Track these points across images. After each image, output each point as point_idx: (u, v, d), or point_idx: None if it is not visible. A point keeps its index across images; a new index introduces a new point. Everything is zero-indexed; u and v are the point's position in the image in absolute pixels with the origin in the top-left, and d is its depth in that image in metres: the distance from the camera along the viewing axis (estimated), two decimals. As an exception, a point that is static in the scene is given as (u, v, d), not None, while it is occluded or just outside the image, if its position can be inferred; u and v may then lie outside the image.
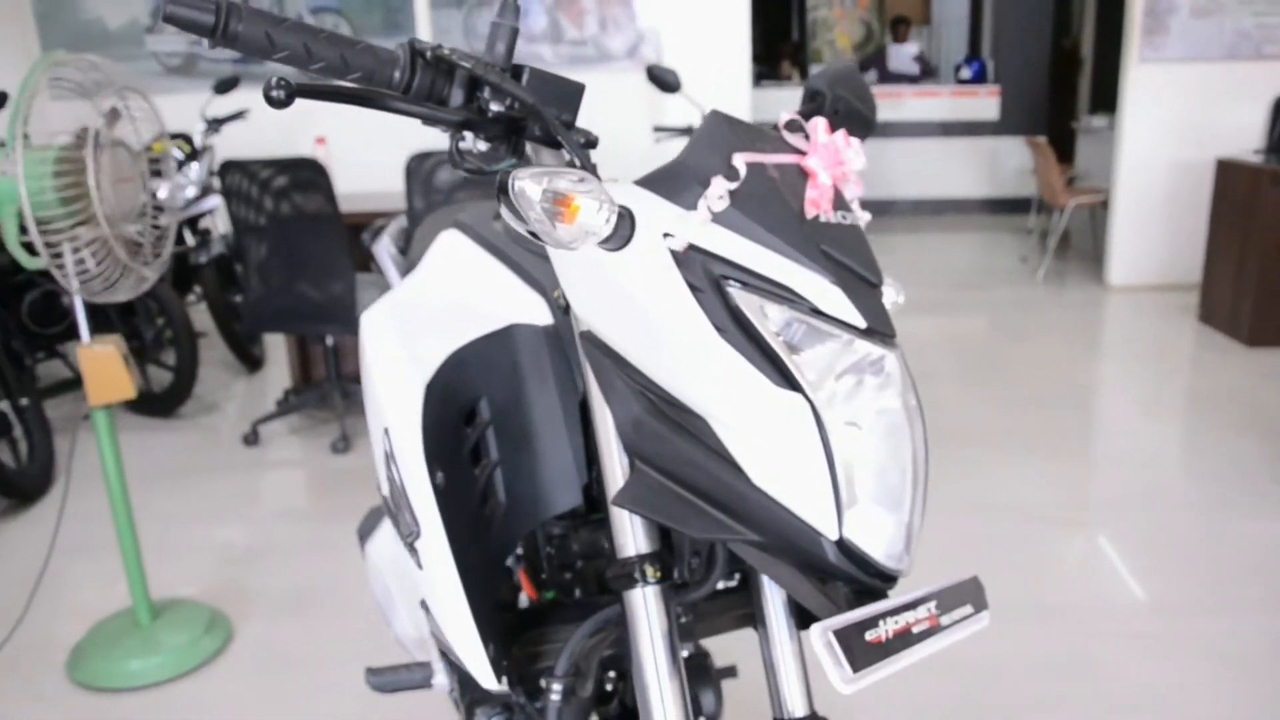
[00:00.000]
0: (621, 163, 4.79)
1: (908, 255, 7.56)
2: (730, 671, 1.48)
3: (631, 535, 0.93)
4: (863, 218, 0.91)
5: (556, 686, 1.03)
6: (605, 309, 0.83)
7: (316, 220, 3.87)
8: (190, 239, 5.08)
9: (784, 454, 0.76)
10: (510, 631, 1.11)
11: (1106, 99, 6.35)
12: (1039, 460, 3.70)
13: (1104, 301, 6.01)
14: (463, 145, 0.85)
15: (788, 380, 0.76)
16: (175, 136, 5.19)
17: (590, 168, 0.85)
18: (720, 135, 0.82)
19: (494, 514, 1.01)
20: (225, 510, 3.53)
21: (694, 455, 0.79)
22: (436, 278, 1.13)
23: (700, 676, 1.29)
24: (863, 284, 0.81)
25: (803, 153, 0.83)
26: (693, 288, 0.77)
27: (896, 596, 0.84)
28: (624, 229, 0.77)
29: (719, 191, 0.78)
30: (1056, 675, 2.42)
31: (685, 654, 1.34)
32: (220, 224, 5.03)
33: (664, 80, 3.67)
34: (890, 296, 1.07)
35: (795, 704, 0.96)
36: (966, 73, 8.99)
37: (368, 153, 5.61)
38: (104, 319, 4.25)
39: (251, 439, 4.11)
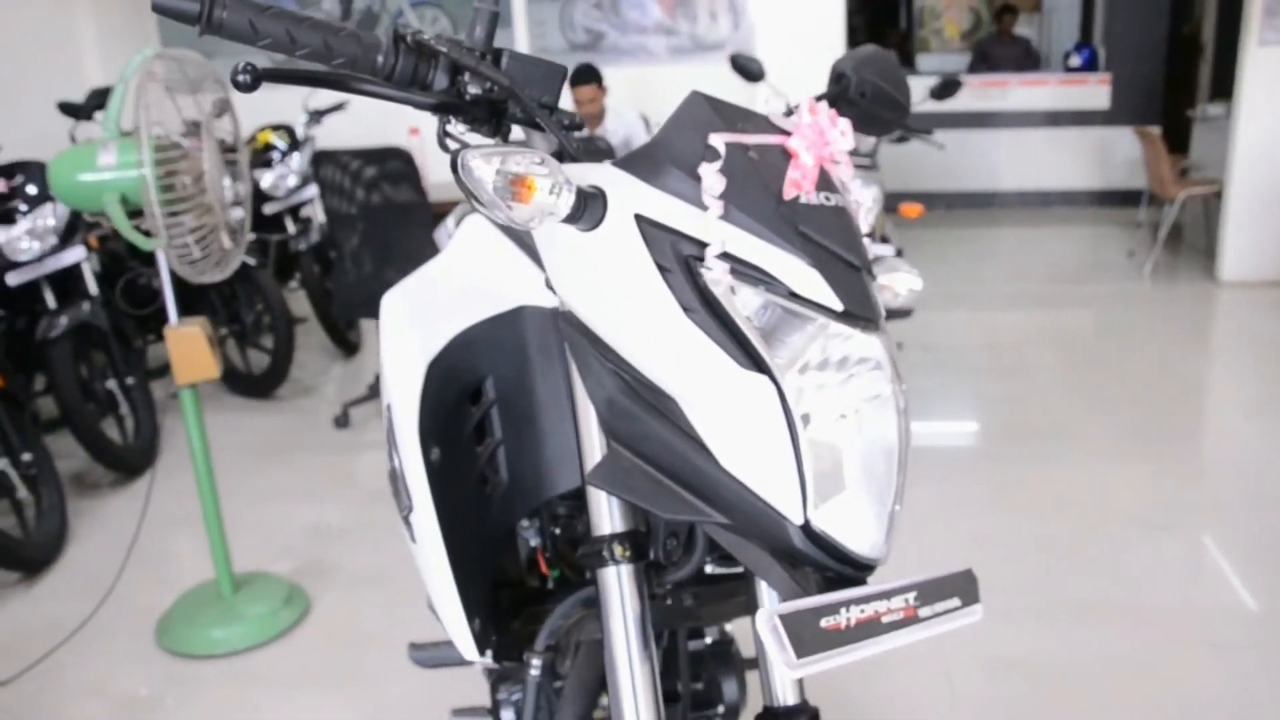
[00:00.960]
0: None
1: (1010, 249, 7.36)
2: (756, 662, 1.47)
3: (607, 514, 0.94)
4: (865, 196, 0.90)
5: (535, 661, 1.04)
6: (582, 289, 0.84)
7: (405, 209, 3.96)
8: (291, 227, 5.25)
9: (749, 437, 0.76)
10: (514, 606, 1.13)
11: (1227, 86, 6.06)
12: (1139, 460, 3.57)
13: (1215, 298, 5.75)
14: (450, 129, 0.87)
15: (755, 362, 0.76)
16: (278, 128, 5.38)
17: (572, 148, 0.86)
18: (699, 116, 0.81)
19: (495, 492, 1.03)
20: (311, 489, 3.65)
21: (665, 436, 0.79)
22: (455, 260, 1.16)
23: (722, 663, 1.29)
24: (844, 266, 0.79)
25: (788, 133, 0.82)
26: (661, 268, 0.77)
27: (879, 584, 0.83)
28: (595, 209, 0.78)
29: (713, 180, 0.77)
30: (1146, 683, 2.34)
31: (709, 640, 1.34)
32: (319, 212, 5.19)
33: (747, 69, 3.65)
34: (906, 283, 1.06)
35: (786, 692, 0.95)
36: (1076, 60, 8.69)
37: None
38: (206, 303, 4.44)
39: (342, 421, 4.24)
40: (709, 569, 1.06)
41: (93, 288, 3.86)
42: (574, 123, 0.88)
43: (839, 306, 0.77)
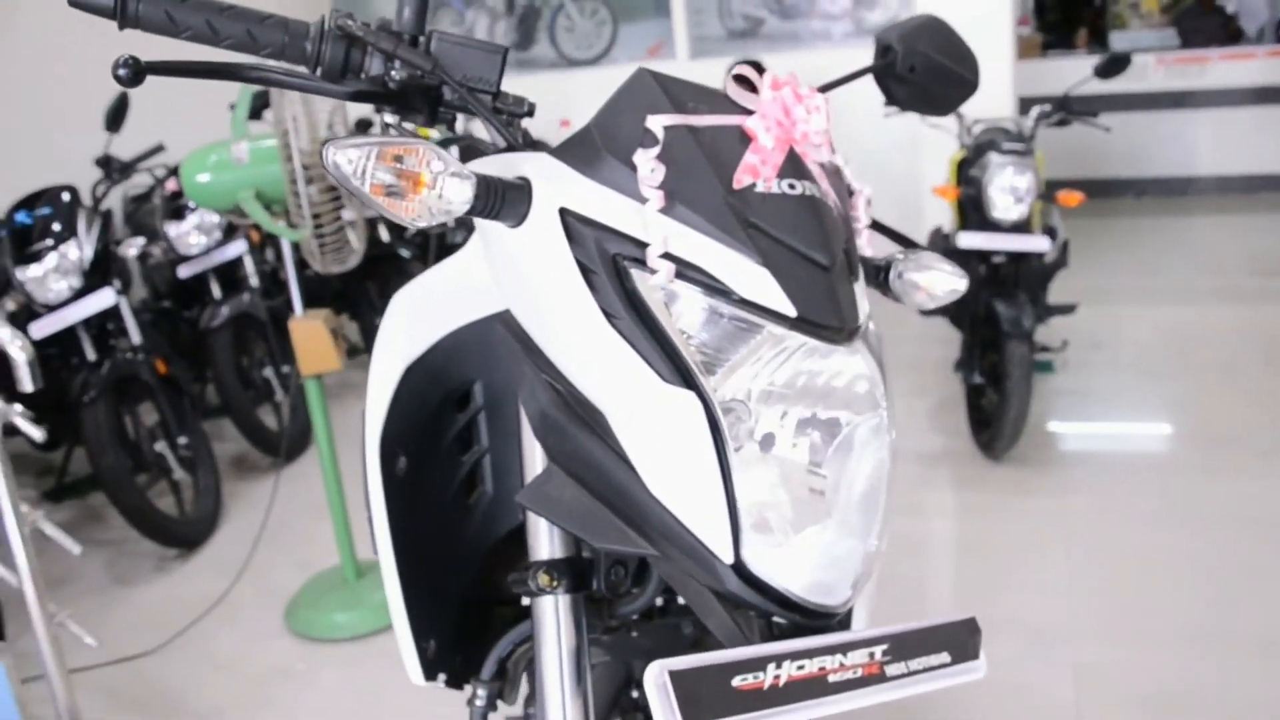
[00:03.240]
0: (852, 143, 4.57)
1: (1205, 239, 6.77)
2: None
3: (545, 539, 0.86)
4: (865, 192, 0.79)
5: (481, 691, 0.97)
6: (514, 289, 0.77)
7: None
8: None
9: (676, 461, 0.67)
10: (508, 626, 1.05)
11: None
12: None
13: None
14: (388, 119, 0.82)
15: (683, 376, 0.67)
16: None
17: (510, 135, 0.79)
18: (641, 96, 0.72)
19: (478, 503, 0.97)
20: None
21: (596, 455, 0.71)
22: (464, 258, 1.11)
23: None
24: (807, 265, 0.69)
25: (751, 112, 0.72)
26: (584, 268, 0.69)
27: (844, 634, 0.72)
28: (518, 203, 0.71)
29: (649, 168, 0.68)
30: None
31: None
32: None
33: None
34: (945, 284, 0.93)
35: None
36: (1291, 31, 7.91)
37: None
38: (340, 298, 4.57)
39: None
40: (669, 601, 0.97)
41: (254, 280, 4.05)
42: (521, 110, 0.81)
43: (791, 312, 0.67)
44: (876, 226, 1.08)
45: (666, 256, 0.68)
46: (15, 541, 2.00)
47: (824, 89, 1.03)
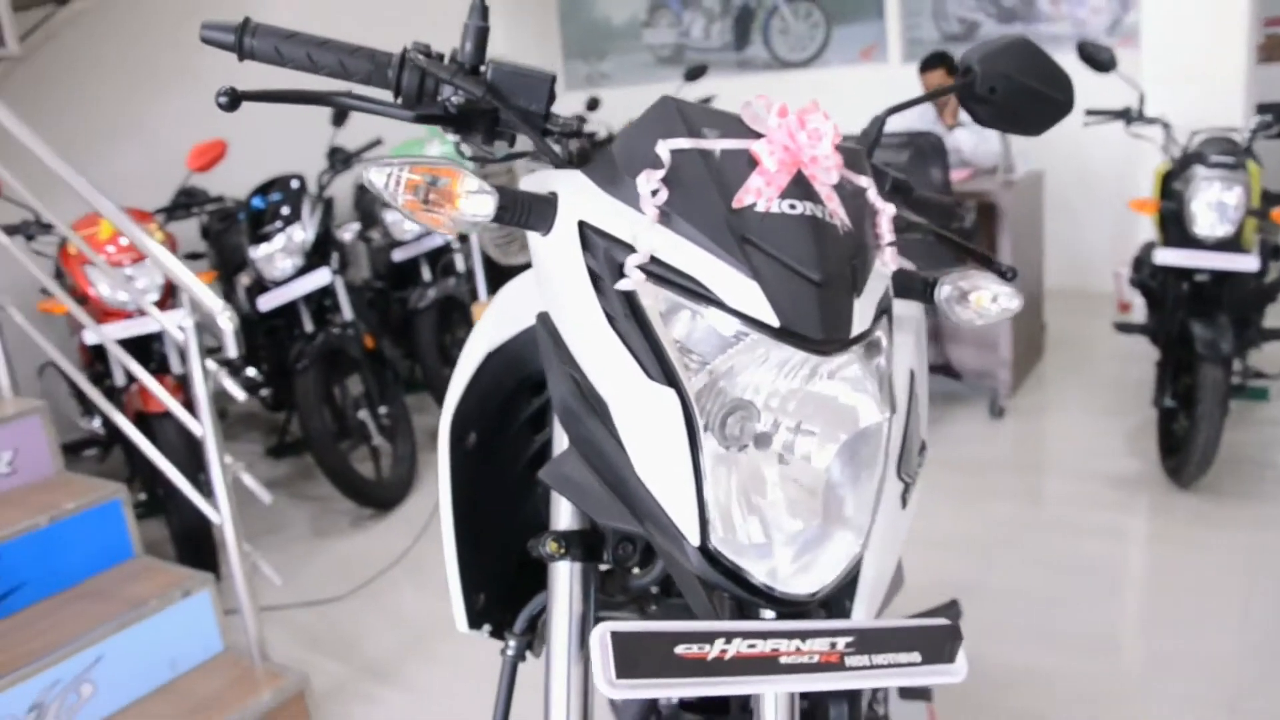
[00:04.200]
0: (1049, 150, 4.37)
1: None
2: None
3: (562, 511, 0.95)
4: (887, 212, 0.84)
5: (512, 643, 1.07)
6: (546, 291, 0.86)
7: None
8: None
9: (657, 448, 0.75)
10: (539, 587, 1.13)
11: None
12: None
13: None
14: (461, 141, 0.93)
15: (668, 375, 0.74)
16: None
17: (553, 154, 0.88)
18: (659, 121, 0.80)
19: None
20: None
21: (601, 440, 0.79)
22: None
23: None
24: (799, 281, 0.74)
25: (761, 136, 0.79)
26: (593, 274, 0.77)
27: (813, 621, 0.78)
28: (545, 215, 0.80)
29: (649, 186, 0.76)
30: None
31: None
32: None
33: (1096, 58, 3.33)
34: (999, 304, 0.96)
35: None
36: None
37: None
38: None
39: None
40: None
41: (460, 265, 4.34)
42: (571, 129, 0.90)
43: (774, 323, 0.73)
44: (943, 239, 1.11)
45: (661, 265, 0.75)
46: (219, 488, 2.28)
47: (901, 107, 1.07)
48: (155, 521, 3.31)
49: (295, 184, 3.67)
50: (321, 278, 3.59)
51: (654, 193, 0.76)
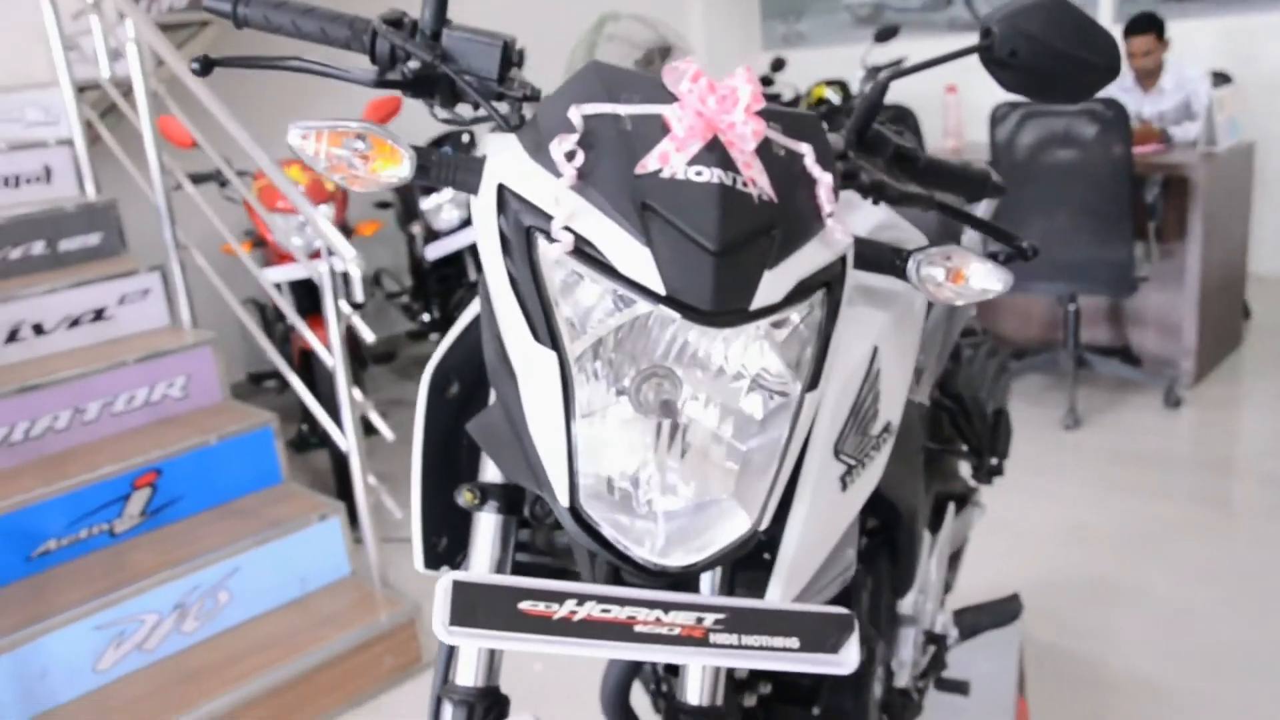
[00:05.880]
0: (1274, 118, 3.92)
1: None
2: None
3: (488, 463, 0.97)
4: (824, 181, 0.81)
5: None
6: (480, 251, 0.88)
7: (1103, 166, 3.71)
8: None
9: (539, 409, 0.77)
10: None
11: None
12: None
13: None
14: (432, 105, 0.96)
15: (553, 337, 0.75)
16: (832, 83, 5.56)
17: (500, 117, 0.89)
18: (580, 86, 0.80)
19: None
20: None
21: (512, 398, 0.82)
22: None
23: None
24: (691, 247, 0.73)
25: (675, 100, 0.77)
26: (503, 236, 0.78)
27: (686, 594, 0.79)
28: (471, 176, 0.82)
29: (562, 149, 0.76)
30: None
31: None
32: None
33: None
34: (980, 284, 0.91)
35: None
36: None
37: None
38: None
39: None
40: None
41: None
42: (527, 91, 0.90)
43: (660, 290, 0.73)
44: (962, 217, 1.05)
45: (568, 230, 0.75)
46: (347, 422, 2.44)
47: (915, 68, 1.02)
48: (323, 453, 3.56)
49: (466, 138, 3.83)
50: (482, 229, 3.74)
51: (569, 157, 0.76)
